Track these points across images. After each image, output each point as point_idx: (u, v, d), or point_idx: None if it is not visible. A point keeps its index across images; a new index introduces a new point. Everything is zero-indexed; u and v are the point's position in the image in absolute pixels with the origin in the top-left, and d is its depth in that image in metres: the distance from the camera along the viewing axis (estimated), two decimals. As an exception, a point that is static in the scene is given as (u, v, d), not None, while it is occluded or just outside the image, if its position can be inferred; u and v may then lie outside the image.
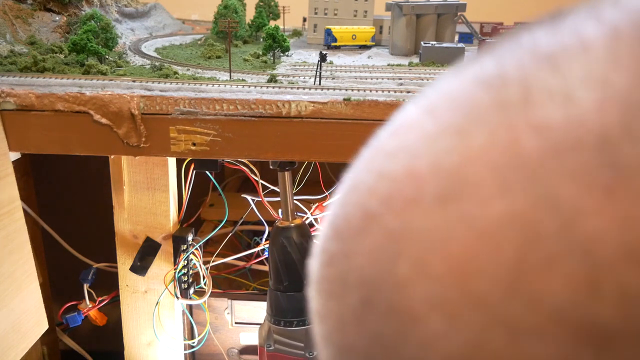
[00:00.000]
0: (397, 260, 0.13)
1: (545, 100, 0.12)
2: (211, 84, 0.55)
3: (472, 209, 0.12)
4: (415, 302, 0.13)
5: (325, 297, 0.16)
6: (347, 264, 0.15)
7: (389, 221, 0.14)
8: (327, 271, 0.16)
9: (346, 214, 0.16)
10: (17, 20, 0.68)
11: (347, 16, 0.86)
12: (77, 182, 0.94)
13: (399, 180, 0.14)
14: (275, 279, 0.55)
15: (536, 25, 0.14)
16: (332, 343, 0.16)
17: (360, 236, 0.15)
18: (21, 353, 0.56)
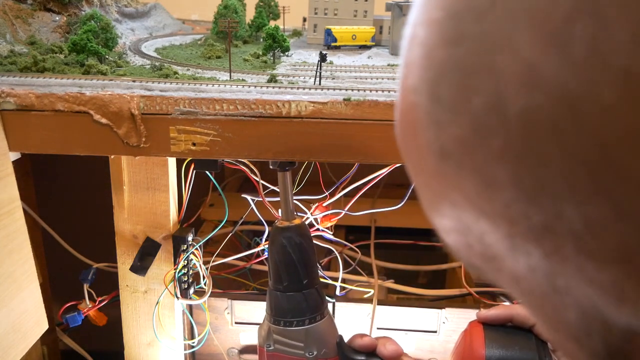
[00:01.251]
0: None
1: None
2: (211, 84, 0.55)
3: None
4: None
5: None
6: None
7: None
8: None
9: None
10: (17, 20, 0.68)
11: (347, 16, 0.85)
12: (77, 182, 0.94)
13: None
14: (275, 279, 0.55)
15: None
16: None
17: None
18: (21, 353, 0.56)
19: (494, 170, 0.15)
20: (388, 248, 0.82)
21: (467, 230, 0.17)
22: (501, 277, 0.18)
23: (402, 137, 0.19)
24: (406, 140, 0.19)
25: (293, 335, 0.55)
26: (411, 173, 0.19)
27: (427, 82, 0.16)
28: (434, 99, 0.16)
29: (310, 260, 0.55)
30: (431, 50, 0.16)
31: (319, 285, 0.56)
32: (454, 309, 0.69)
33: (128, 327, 0.71)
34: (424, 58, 0.16)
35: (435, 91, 0.16)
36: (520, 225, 0.15)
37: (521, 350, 0.47)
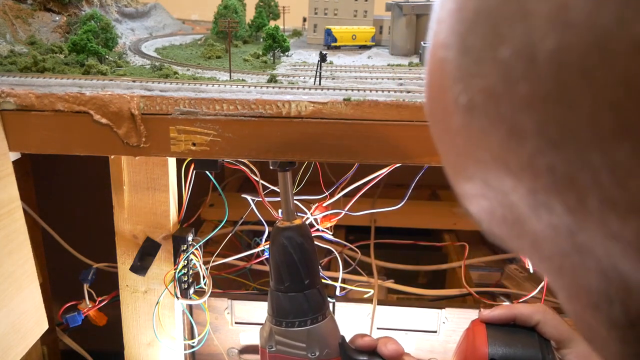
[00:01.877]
0: None
1: None
2: (211, 84, 0.55)
3: None
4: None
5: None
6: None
7: None
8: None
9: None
10: (17, 20, 0.68)
11: (347, 16, 0.85)
12: (77, 182, 0.94)
13: None
14: (276, 279, 0.55)
15: None
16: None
17: None
18: (21, 353, 0.56)
19: (520, 118, 0.14)
20: (388, 248, 0.82)
21: (491, 191, 0.17)
22: (522, 243, 0.18)
23: (430, 98, 0.19)
24: (433, 100, 0.19)
25: (295, 336, 0.55)
26: (436, 137, 0.20)
27: (457, 34, 0.16)
28: (464, 51, 0.16)
29: (312, 261, 0.55)
30: (463, 2, 0.16)
31: (321, 286, 0.56)
32: (454, 309, 0.69)
33: (128, 327, 0.71)
34: (456, 11, 0.16)
35: (466, 43, 0.16)
36: (544, 178, 0.15)
37: (524, 348, 0.47)
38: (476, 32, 0.16)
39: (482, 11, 0.15)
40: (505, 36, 0.14)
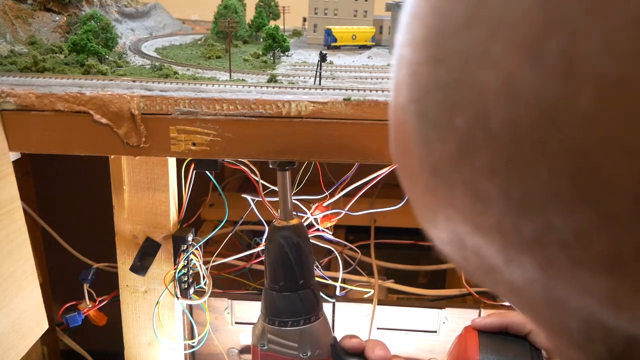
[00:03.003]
0: None
1: None
2: (211, 84, 0.55)
3: None
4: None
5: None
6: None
7: None
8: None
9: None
10: (17, 20, 0.68)
11: (347, 16, 0.85)
12: (77, 182, 0.94)
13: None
14: (271, 278, 0.55)
15: None
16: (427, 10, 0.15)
17: None
18: (21, 353, 0.56)
19: (483, 184, 0.15)
20: (388, 248, 0.82)
21: (462, 244, 0.17)
22: (500, 289, 0.18)
23: (395, 155, 0.20)
24: (399, 158, 0.19)
25: (287, 335, 0.55)
26: (405, 189, 0.20)
27: (414, 100, 0.17)
28: (421, 117, 0.16)
29: (307, 261, 0.55)
30: (416, 69, 0.16)
31: (315, 286, 0.56)
32: (454, 309, 0.69)
33: (128, 327, 0.71)
34: (410, 76, 0.17)
35: (422, 109, 0.16)
36: (512, 238, 0.15)
37: (515, 357, 0.47)
38: (431, 99, 0.16)
39: (435, 79, 0.15)
40: (459, 105, 0.15)
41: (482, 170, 0.15)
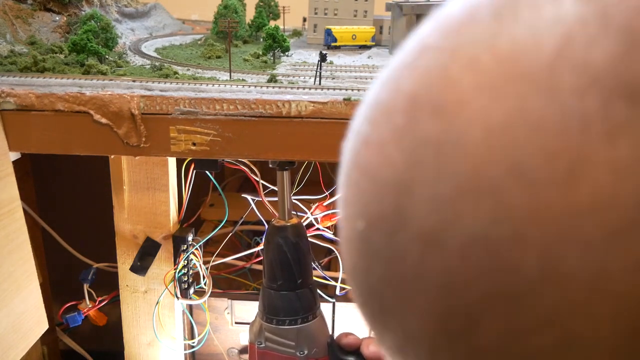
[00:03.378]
0: (448, 66, 0.15)
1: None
2: (211, 83, 0.55)
3: (525, 15, 0.14)
4: (463, 90, 0.14)
5: (363, 137, 0.17)
6: (395, 94, 0.16)
7: (443, 43, 0.16)
8: (370, 114, 0.17)
9: (398, 61, 0.17)
10: (17, 20, 0.68)
11: (347, 16, 0.85)
12: (77, 182, 0.94)
13: (456, 15, 0.16)
14: (269, 277, 0.55)
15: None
16: (367, 174, 0.17)
17: (411, 65, 0.16)
18: (21, 353, 0.56)
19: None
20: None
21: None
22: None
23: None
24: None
25: (285, 333, 0.55)
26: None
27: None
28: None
29: (305, 260, 0.55)
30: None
31: (313, 285, 0.56)
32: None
33: (128, 327, 0.71)
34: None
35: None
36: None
37: None
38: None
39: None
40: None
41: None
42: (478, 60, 0.14)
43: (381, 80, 0.18)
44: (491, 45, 0.14)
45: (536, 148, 0.13)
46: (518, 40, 0.14)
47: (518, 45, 0.14)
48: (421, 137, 0.15)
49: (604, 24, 0.13)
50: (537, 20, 0.14)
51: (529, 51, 0.14)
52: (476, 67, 0.14)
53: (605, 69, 0.13)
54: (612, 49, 0.13)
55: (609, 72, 0.13)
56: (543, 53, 0.14)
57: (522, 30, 0.14)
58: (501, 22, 0.15)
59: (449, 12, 0.17)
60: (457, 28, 0.16)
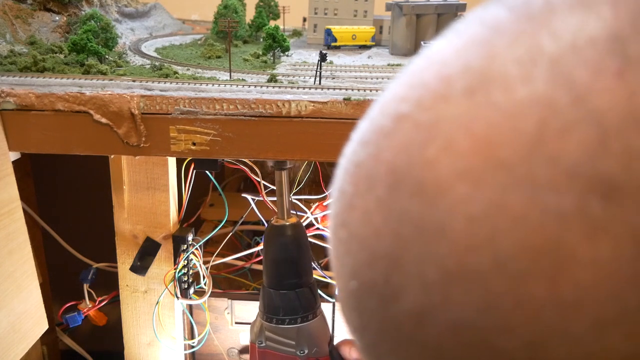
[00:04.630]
0: (426, 146, 0.15)
1: (566, 11, 0.14)
2: (211, 83, 0.55)
3: (497, 95, 0.14)
4: (442, 175, 0.14)
5: (349, 198, 0.18)
6: (375, 162, 0.17)
7: (419, 116, 0.16)
8: (353, 177, 0.18)
9: (374, 125, 0.18)
10: (17, 20, 0.68)
11: (347, 16, 0.85)
12: (77, 182, 0.94)
13: (430, 84, 0.16)
14: (269, 276, 0.55)
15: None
16: (354, 238, 0.17)
17: (390, 135, 0.16)
18: (21, 353, 0.55)
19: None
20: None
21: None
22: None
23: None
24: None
25: (285, 333, 0.55)
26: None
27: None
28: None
29: (305, 259, 0.55)
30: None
31: (313, 284, 0.56)
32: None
33: (128, 327, 0.71)
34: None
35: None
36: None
37: None
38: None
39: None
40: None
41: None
42: (455, 143, 0.14)
43: (362, 137, 0.18)
44: (467, 128, 0.14)
45: (518, 242, 0.13)
46: (493, 125, 0.14)
47: (494, 130, 0.14)
48: (405, 215, 0.15)
49: (577, 109, 0.13)
50: (510, 103, 0.14)
51: (505, 139, 0.14)
52: (454, 151, 0.14)
53: (579, 163, 0.13)
54: (585, 139, 0.13)
55: (583, 167, 0.13)
56: (518, 142, 0.13)
57: (496, 114, 0.14)
58: (475, 103, 0.14)
59: (423, 78, 0.16)
60: (432, 102, 0.15)
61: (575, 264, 0.13)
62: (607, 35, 0.13)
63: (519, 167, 0.13)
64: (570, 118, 0.13)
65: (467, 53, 0.16)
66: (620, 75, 0.13)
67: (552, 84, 0.13)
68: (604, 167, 0.12)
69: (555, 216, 0.13)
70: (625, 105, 0.12)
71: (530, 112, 0.13)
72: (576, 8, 0.14)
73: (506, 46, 0.15)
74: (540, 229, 0.13)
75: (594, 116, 0.13)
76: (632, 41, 0.13)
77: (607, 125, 0.13)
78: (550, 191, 0.13)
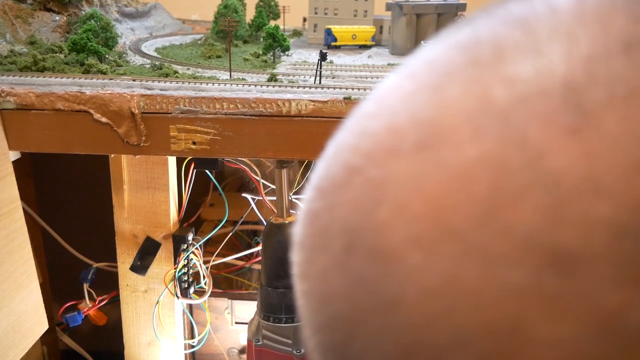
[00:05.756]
0: (377, 207, 0.14)
1: (516, 56, 0.13)
2: (211, 82, 0.55)
3: (448, 153, 0.13)
4: (395, 242, 0.14)
5: (308, 252, 0.17)
6: (330, 216, 0.16)
7: (370, 172, 0.15)
8: (311, 228, 0.17)
9: (329, 173, 0.17)
10: (17, 20, 0.68)
11: (347, 16, 0.85)
12: (77, 182, 0.94)
13: (380, 135, 0.15)
14: (267, 275, 0.56)
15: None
16: (314, 294, 0.16)
17: (343, 189, 0.16)
18: (21, 353, 0.55)
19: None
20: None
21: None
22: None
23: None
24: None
25: (282, 331, 0.55)
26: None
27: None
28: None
29: None
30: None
31: None
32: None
33: (128, 326, 0.71)
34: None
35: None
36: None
37: None
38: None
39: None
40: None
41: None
42: (407, 206, 0.14)
43: (318, 184, 0.17)
44: (418, 189, 0.13)
45: (475, 319, 0.12)
46: (444, 187, 0.13)
47: (445, 193, 0.13)
48: (360, 280, 0.14)
49: (529, 171, 0.12)
50: (460, 163, 0.13)
51: (456, 204, 0.13)
52: (405, 215, 0.13)
53: (533, 233, 0.12)
54: (539, 206, 0.12)
55: (537, 238, 0.12)
56: (470, 208, 0.12)
57: (446, 175, 0.13)
58: (425, 160, 0.14)
59: (374, 127, 0.15)
60: (382, 157, 0.15)
61: (536, 345, 0.12)
62: (560, 85, 0.12)
63: (471, 237, 0.12)
64: (523, 182, 0.12)
65: (417, 100, 0.15)
66: (575, 132, 0.12)
67: (503, 142, 0.12)
68: (559, 238, 0.11)
69: (512, 292, 0.12)
70: (581, 166, 0.11)
71: (481, 175, 0.12)
72: (527, 52, 0.13)
73: (457, 95, 0.14)
74: (497, 306, 0.12)
75: (547, 179, 0.12)
76: (587, 91, 0.12)
77: (562, 190, 0.11)
78: (504, 264, 0.12)
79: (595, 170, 0.11)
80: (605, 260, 0.11)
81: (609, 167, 0.11)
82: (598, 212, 0.11)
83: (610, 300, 0.11)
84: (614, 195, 0.11)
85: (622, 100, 0.11)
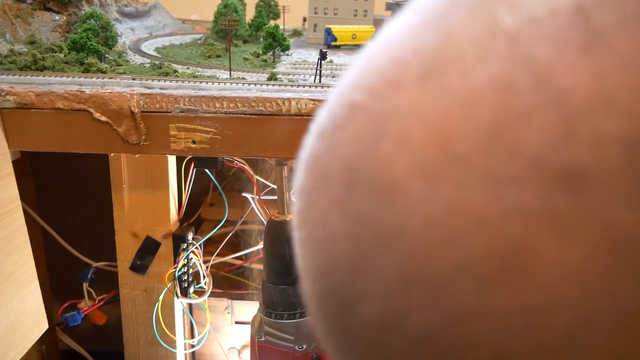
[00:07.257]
0: (379, 140, 0.14)
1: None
2: (211, 82, 0.55)
3: (453, 81, 0.13)
4: (397, 173, 0.13)
5: (308, 196, 0.16)
6: (330, 157, 0.15)
7: (372, 106, 0.14)
8: (311, 172, 0.17)
9: (330, 115, 0.16)
10: (17, 20, 0.68)
11: (347, 16, 0.85)
12: (77, 181, 0.94)
13: (384, 69, 0.15)
14: (268, 271, 0.56)
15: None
16: (314, 239, 0.16)
17: (344, 127, 0.15)
18: (21, 353, 0.55)
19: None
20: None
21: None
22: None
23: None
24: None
25: (284, 328, 0.55)
26: None
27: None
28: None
29: None
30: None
31: None
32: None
33: (128, 326, 0.70)
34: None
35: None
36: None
37: None
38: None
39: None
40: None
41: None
42: (410, 137, 0.13)
43: (319, 129, 0.17)
44: (422, 119, 0.13)
45: (480, 244, 0.12)
46: (449, 114, 0.13)
47: (449, 120, 0.13)
48: (361, 217, 0.14)
49: (538, 91, 0.12)
50: (465, 88, 0.13)
51: (461, 129, 0.12)
52: (408, 145, 0.13)
53: (541, 153, 0.11)
54: (548, 125, 0.11)
55: (547, 158, 0.11)
56: (475, 133, 0.12)
57: (451, 102, 0.13)
58: (430, 89, 0.13)
59: (377, 62, 0.15)
60: (385, 90, 0.14)
61: (542, 267, 0.11)
62: (570, 5, 0.12)
63: (477, 161, 0.12)
64: (531, 102, 0.12)
65: (422, 32, 0.14)
66: (585, 51, 0.11)
67: (511, 64, 0.12)
68: (570, 157, 0.11)
69: (519, 215, 0.12)
70: (592, 84, 0.11)
71: (487, 97, 0.12)
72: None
73: (463, 23, 0.13)
74: (503, 230, 0.12)
75: (557, 98, 0.11)
76: (597, 12, 0.12)
77: (572, 108, 0.11)
78: (512, 187, 0.12)
79: (606, 88, 0.11)
80: (618, 177, 0.11)
81: (621, 83, 0.11)
82: (610, 129, 0.11)
83: (623, 219, 0.11)
84: (626, 112, 0.11)
85: (632, 19, 0.11)
